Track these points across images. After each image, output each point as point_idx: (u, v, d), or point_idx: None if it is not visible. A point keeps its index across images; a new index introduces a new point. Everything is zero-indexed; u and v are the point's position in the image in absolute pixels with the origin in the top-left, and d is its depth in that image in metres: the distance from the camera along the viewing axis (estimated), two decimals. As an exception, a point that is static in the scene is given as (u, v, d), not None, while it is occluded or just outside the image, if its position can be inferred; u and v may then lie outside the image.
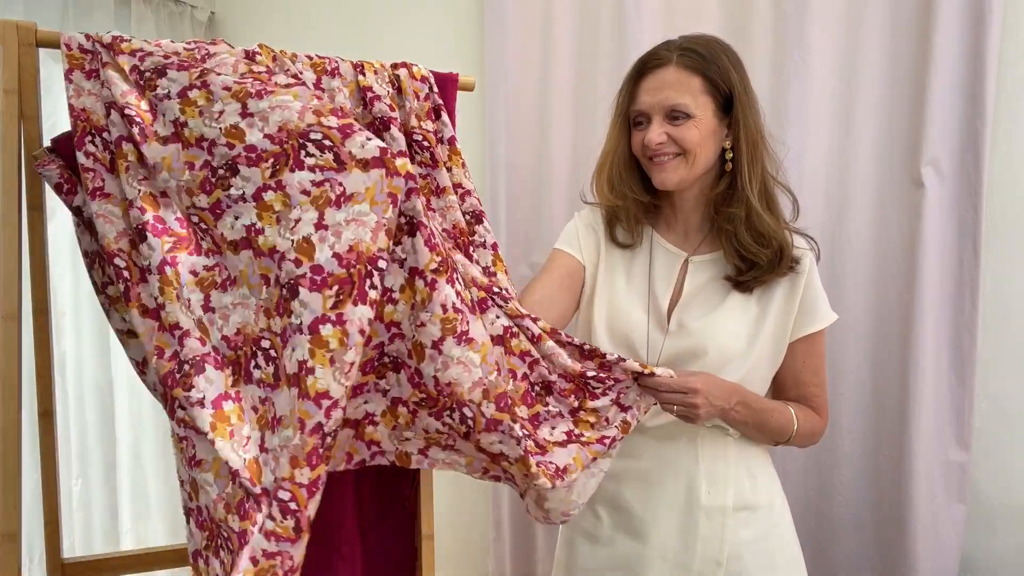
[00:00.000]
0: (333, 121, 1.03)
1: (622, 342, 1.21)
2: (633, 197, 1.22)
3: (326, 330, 1.00)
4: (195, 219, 1.13)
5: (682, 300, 1.21)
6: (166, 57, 1.10)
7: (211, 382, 1.05)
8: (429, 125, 1.28)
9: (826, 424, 1.24)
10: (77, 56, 1.09)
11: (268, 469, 1.03)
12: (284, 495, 1.03)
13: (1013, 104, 1.53)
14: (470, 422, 1.09)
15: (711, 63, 1.13)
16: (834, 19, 1.62)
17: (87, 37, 1.10)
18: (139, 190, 1.10)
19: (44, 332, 1.16)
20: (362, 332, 1.04)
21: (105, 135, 1.09)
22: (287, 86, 1.12)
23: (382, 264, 1.01)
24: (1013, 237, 1.55)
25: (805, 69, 1.62)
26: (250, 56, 1.17)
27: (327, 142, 1.03)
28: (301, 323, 1.05)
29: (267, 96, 1.07)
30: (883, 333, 1.63)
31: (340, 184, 1.02)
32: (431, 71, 1.32)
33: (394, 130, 1.26)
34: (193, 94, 1.07)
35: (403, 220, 1.07)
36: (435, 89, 1.31)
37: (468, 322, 1.08)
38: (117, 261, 1.08)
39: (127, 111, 1.10)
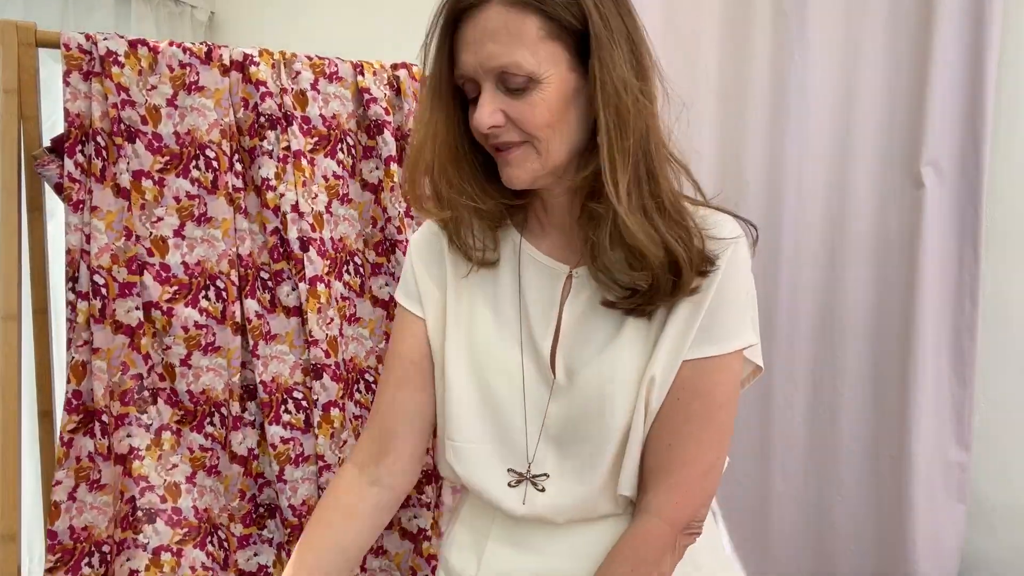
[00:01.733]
0: None
1: (489, 407, 0.84)
2: (473, 204, 0.82)
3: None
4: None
5: (564, 334, 0.82)
6: (143, 121, 1.13)
7: (160, 414, 1.14)
8: None
9: (682, 522, 0.79)
10: (76, 56, 1.09)
11: (190, 496, 1.16)
12: (221, 534, 1.18)
13: (1013, 104, 1.53)
14: None
15: None
16: (834, 19, 1.61)
17: (87, 37, 1.11)
18: (151, 232, 1.14)
19: (44, 332, 1.16)
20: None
21: (98, 139, 1.10)
22: None
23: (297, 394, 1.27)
24: (1013, 237, 1.55)
25: (805, 69, 1.62)
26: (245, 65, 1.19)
27: None
28: (255, 420, 1.22)
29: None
30: (883, 333, 1.63)
31: None
32: (431, 71, 1.31)
33: (387, 134, 1.27)
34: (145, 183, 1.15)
35: None
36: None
37: None
38: (96, 277, 1.10)
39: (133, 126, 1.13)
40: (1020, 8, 1.51)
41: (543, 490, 0.83)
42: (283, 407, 1.22)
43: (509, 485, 0.84)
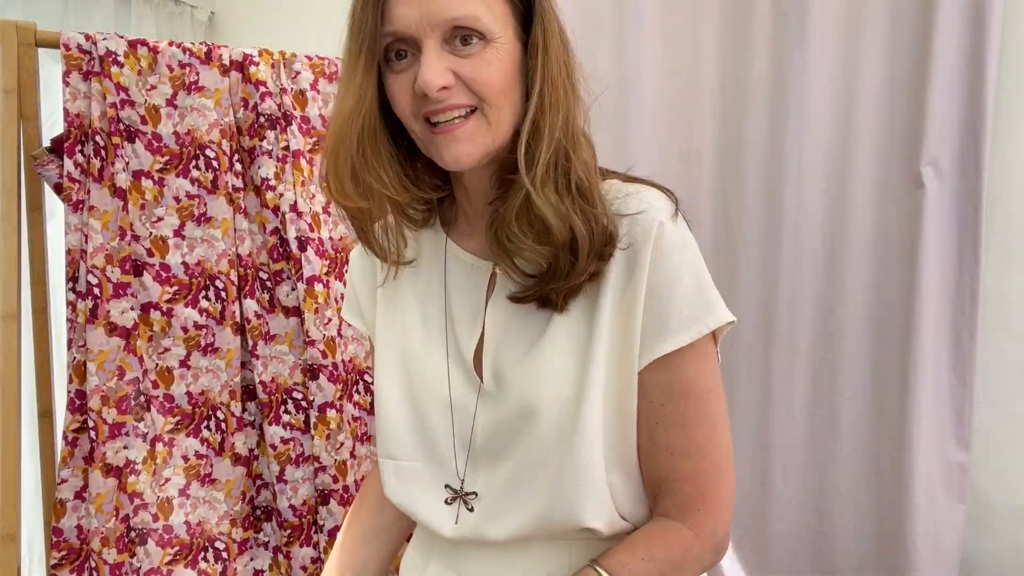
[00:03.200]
0: None
1: (419, 421, 0.79)
2: (389, 194, 0.73)
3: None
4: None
5: (488, 338, 0.75)
6: (143, 121, 1.13)
7: (153, 422, 1.14)
8: None
9: (713, 537, 0.72)
10: (75, 56, 1.10)
11: (182, 511, 1.13)
12: (220, 544, 1.17)
13: (1013, 104, 1.53)
14: None
15: None
16: (834, 19, 1.61)
17: (86, 37, 1.11)
18: (151, 232, 1.14)
19: (44, 332, 1.16)
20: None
21: (98, 139, 1.10)
22: None
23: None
24: (1013, 237, 1.55)
25: (805, 69, 1.61)
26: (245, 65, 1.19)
27: None
28: (255, 420, 1.22)
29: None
30: (883, 333, 1.63)
31: None
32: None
33: None
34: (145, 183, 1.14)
35: None
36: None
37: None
38: (90, 278, 1.10)
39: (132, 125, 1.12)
40: (1020, 8, 1.51)
41: (471, 509, 0.76)
42: (283, 407, 1.22)
43: (445, 502, 0.78)
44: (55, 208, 1.22)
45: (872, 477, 1.66)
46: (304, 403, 1.23)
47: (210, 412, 1.20)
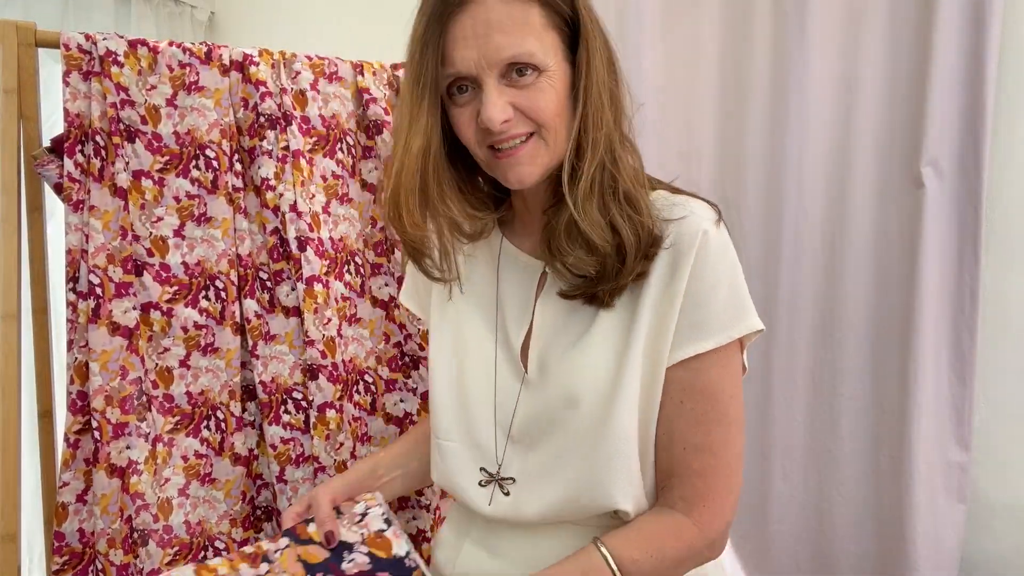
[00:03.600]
0: None
1: (464, 405, 0.85)
2: (457, 220, 0.82)
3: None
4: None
5: (536, 332, 0.81)
6: (143, 121, 1.13)
7: (155, 423, 1.14)
8: None
9: (712, 530, 0.76)
10: (76, 56, 1.10)
11: (182, 511, 1.13)
12: (220, 544, 1.17)
13: (1013, 105, 1.53)
14: None
15: None
16: (834, 19, 1.61)
17: (86, 37, 1.11)
18: (151, 232, 1.14)
19: (44, 332, 1.16)
20: None
21: (98, 139, 1.10)
22: None
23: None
24: (1013, 237, 1.55)
25: (805, 69, 1.61)
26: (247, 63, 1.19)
27: None
28: (255, 420, 1.22)
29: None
30: (883, 333, 1.63)
31: None
32: (430, 71, 1.32)
33: (386, 134, 1.27)
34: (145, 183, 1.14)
35: None
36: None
37: None
38: (92, 277, 1.10)
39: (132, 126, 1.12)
40: (1020, 8, 1.51)
41: (507, 493, 0.81)
42: (283, 407, 1.22)
43: (480, 484, 0.83)
44: (55, 208, 1.22)
45: (872, 477, 1.66)
46: (304, 403, 1.23)
47: (210, 412, 1.20)
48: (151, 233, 1.16)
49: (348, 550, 0.83)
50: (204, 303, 1.18)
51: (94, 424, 1.10)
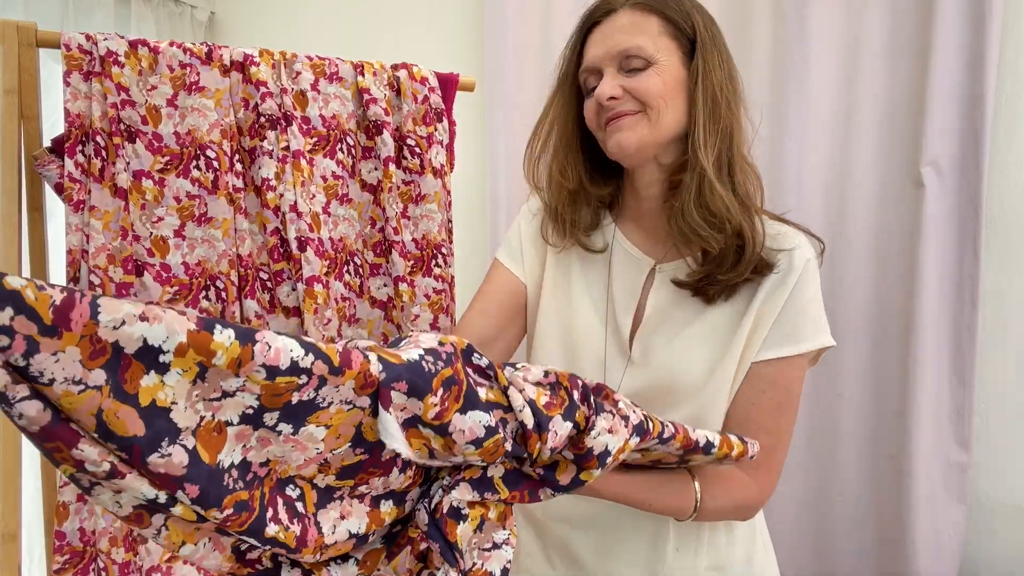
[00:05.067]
0: None
1: (573, 369, 0.95)
2: (581, 189, 0.98)
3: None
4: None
5: (646, 321, 0.95)
6: (143, 121, 1.13)
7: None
8: (424, 130, 1.29)
9: (764, 494, 0.93)
10: (76, 57, 1.09)
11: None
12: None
13: (1013, 104, 1.53)
14: None
15: (668, 2, 0.91)
16: (834, 19, 1.62)
17: (87, 37, 1.11)
18: (151, 232, 1.14)
19: (44, 332, 1.16)
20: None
21: (98, 139, 1.10)
22: None
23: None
24: (1013, 237, 1.55)
25: (805, 69, 1.62)
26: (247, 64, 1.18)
27: None
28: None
29: None
30: (883, 333, 1.63)
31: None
32: (432, 72, 1.32)
33: (386, 134, 1.27)
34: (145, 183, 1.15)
35: None
36: (437, 91, 1.31)
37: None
38: (92, 278, 1.09)
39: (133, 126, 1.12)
40: (1020, 8, 1.51)
41: None
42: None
43: None
44: (56, 208, 1.22)
45: (872, 477, 1.66)
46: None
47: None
48: (151, 233, 1.16)
49: None
50: (204, 303, 1.18)
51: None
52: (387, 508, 0.66)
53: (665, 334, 0.93)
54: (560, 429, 0.65)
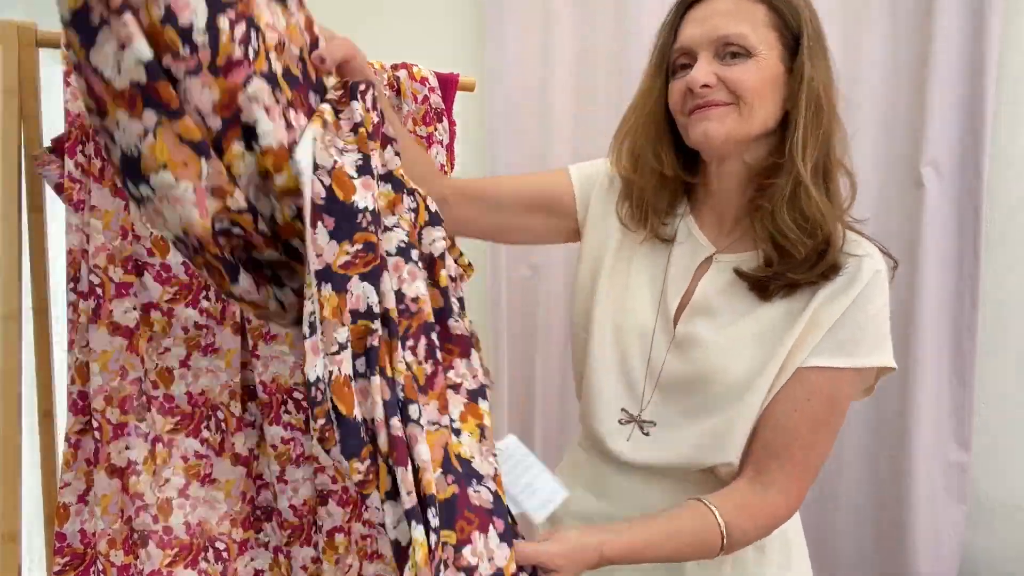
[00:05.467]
0: None
1: (621, 345, 0.95)
2: (661, 171, 0.92)
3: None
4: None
5: (692, 304, 0.91)
6: None
7: (154, 423, 1.13)
8: (424, 130, 1.29)
9: (791, 510, 0.91)
10: (77, 56, 1.09)
11: (182, 512, 1.11)
12: (220, 545, 1.16)
13: (1013, 105, 1.53)
14: None
15: None
16: (834, 19, 1.61)
17: (87, 37, 1.11)
18: (151, 232, 1.13)
19: (44, 332, 1.16)
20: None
21: (98, 139, 1.10)
22: None
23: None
24: (1013, 237, 1.55)
25: (805, 69, 1.62)
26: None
27: None
28: (255, 421, 1.21)
29: None
30: (883, 333, 1.63)
31: None
32: (432, 72, 1.32)
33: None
34: None
35: None
36: (437, 91, 1.31)
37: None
38: (92, 278, 1.09)
39: None
40: (1020, 8, 1.51)
41: (647, 434, 0.91)
42: (283, 407, 1.21)
43: (619, 422, 0.93)
44: (56, 208, 1.22)
45: (872, 477, 1.66)
46: (304, 403, 1.23)
47: (210, 412, 1.20)
48: (152, 233, 1.16)
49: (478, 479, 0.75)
50: (204, 303, 1.18)
51: (94, 424, 1.10)
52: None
53: (714, 323, 0.89)
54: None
